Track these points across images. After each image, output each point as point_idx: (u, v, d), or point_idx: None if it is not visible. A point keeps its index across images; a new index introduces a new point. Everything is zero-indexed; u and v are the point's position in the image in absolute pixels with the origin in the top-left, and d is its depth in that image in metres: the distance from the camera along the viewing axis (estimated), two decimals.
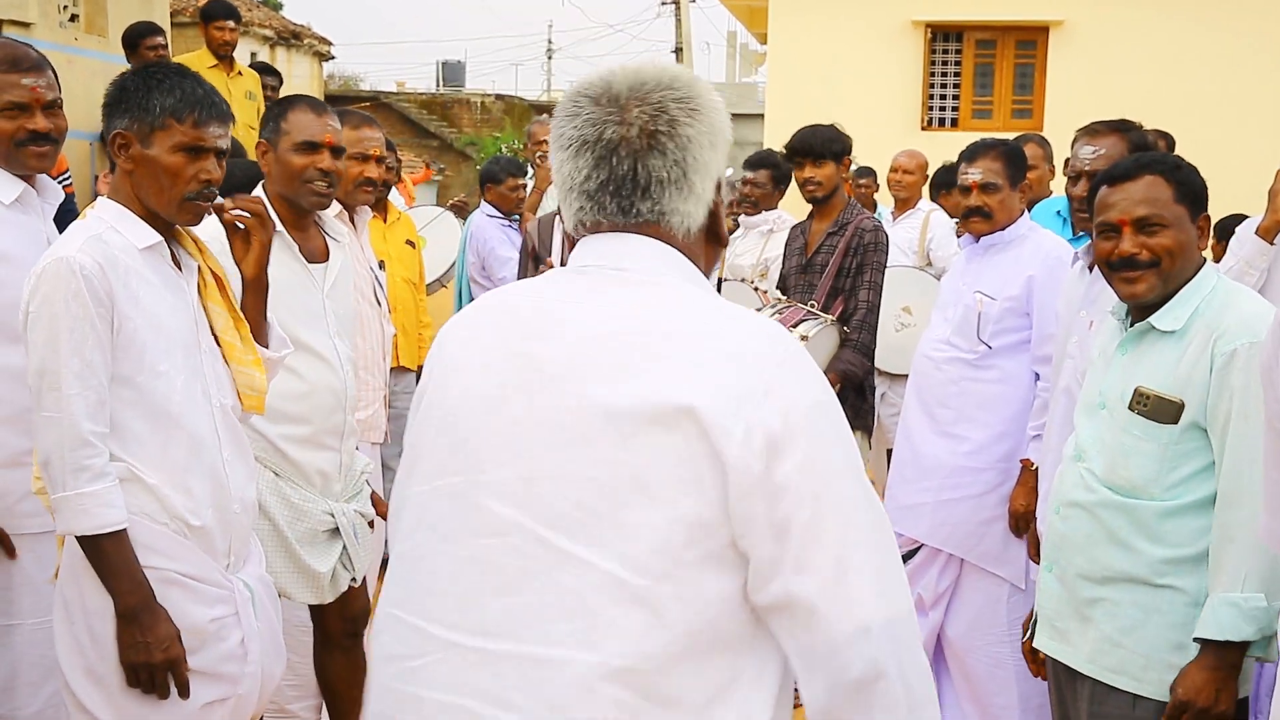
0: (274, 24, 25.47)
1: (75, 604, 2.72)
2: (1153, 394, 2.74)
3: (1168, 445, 2.72)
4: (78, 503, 2.61)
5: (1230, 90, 12.75)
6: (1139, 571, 2.74)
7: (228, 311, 2.95)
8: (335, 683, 3.94)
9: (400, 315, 5.91)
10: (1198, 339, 2.72)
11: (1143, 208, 2.79)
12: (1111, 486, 2.80)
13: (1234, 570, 2.58)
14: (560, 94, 21.54)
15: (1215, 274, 2.85)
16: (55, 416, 2.60)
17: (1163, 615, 2.72)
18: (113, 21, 9.66)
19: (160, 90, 2.74)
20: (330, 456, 3.60)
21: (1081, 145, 3.77)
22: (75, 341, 2.59)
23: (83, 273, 2.60)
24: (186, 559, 2.75)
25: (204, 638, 2.77)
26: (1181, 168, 2.84)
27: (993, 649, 3.95)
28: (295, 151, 3.57)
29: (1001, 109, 13.99)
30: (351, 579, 3.69)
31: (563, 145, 1.83)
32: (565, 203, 1.86)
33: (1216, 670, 2.60)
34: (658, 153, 1.79)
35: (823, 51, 13.74)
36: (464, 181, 29.03)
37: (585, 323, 1.76)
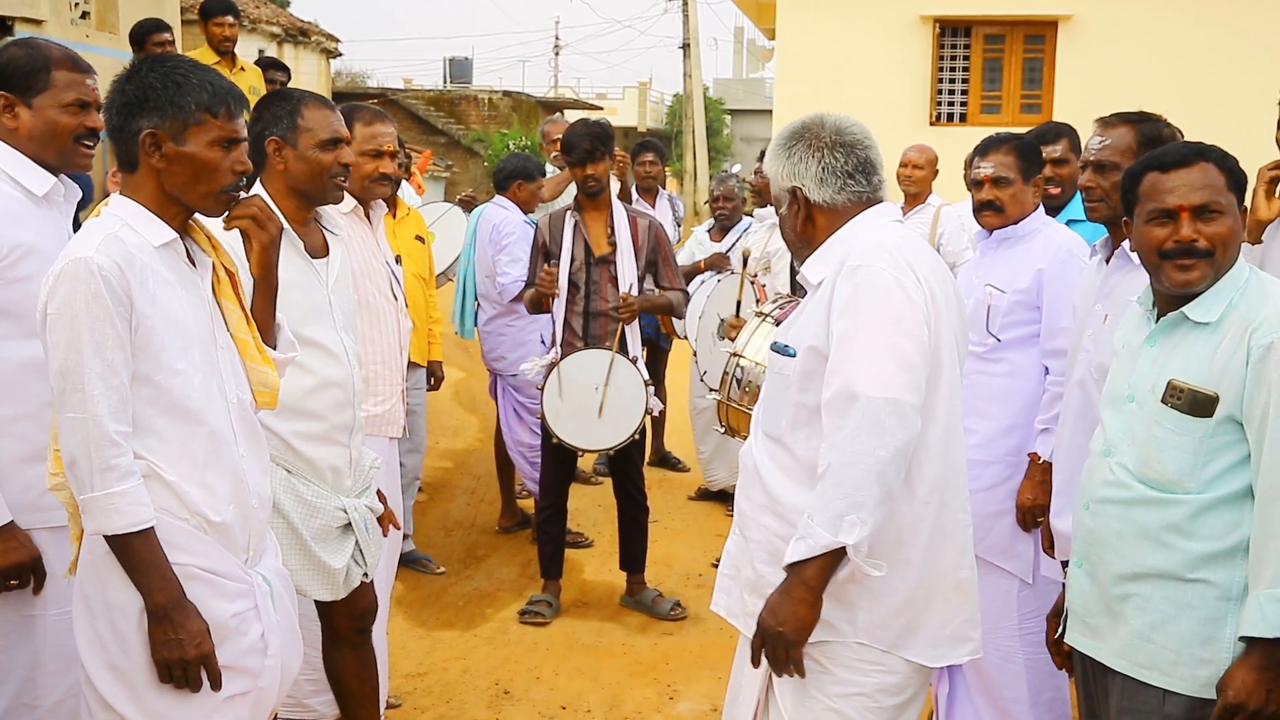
0: (281, 21, 25.50)
1: (96, 599, 2.72)
2: (1187, 387, 2.70)
3: (1202, 439, 2.68)
4: (107, 502, 2.61)
5: (1238, 84, 12.72)
6: (1172, 567, 2.70)
7: (240, 309, 2.96)
8: (345, 679, 3.92)
9: (410, 310, 5.86)
10: (1233, 331, 2.68)
11: (1203, 194, 2.74)
12: (1145, 481, 2.76)
13: (1278, 565, 2.54)
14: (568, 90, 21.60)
15: (1248, 266, 2.81)
16: (80, 417, 2.60)
17: (1194, 610, 2.68)
18: (124, 18, 9.69)
19: (190, 87, 2.75)
20: (340, 452, 3.61)
21: (1093, 135, 3.77)
22: (96, 342, 2.60)
23: (101, 273, 2.59)
24: (208, 554, 2.76)
25: (226, 632, 2.77)
26: (1229, 157, 2.81)
27: (1002, 643, 3.94)
28: (320, 149, 3.57)
29: (1010, 104, 13.97)
30: (364, 574, 3.69)
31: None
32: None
33: (1266, 670, 2.55)
34: None
35: (831, 47, 13.74)
36: (471, 178, 29.06)
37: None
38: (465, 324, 7.37)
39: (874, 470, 2.62)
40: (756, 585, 2.91)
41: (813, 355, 2.80)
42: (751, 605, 2.90)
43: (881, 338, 2.68)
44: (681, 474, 8.51)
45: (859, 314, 2.71)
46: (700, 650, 5.44)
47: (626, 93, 45.40)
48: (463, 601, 6.08)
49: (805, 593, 2.70)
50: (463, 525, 7.36)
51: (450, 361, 11.20)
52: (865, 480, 2.62)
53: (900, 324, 2.70)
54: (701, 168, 30.92)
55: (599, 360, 5.64)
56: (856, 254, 2.79)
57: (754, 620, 2.86)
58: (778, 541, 2.83)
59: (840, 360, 2.71)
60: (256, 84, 8.21)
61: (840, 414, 2.67)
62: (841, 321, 2.73)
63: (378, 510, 3.78)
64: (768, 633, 2.75)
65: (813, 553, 2.66)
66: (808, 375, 2.82)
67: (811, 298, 2.94)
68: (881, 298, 2.72)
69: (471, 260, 7.24)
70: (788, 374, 2.87)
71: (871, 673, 2.82)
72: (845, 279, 2.76)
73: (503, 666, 5.27)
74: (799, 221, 2.98)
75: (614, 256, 5.69)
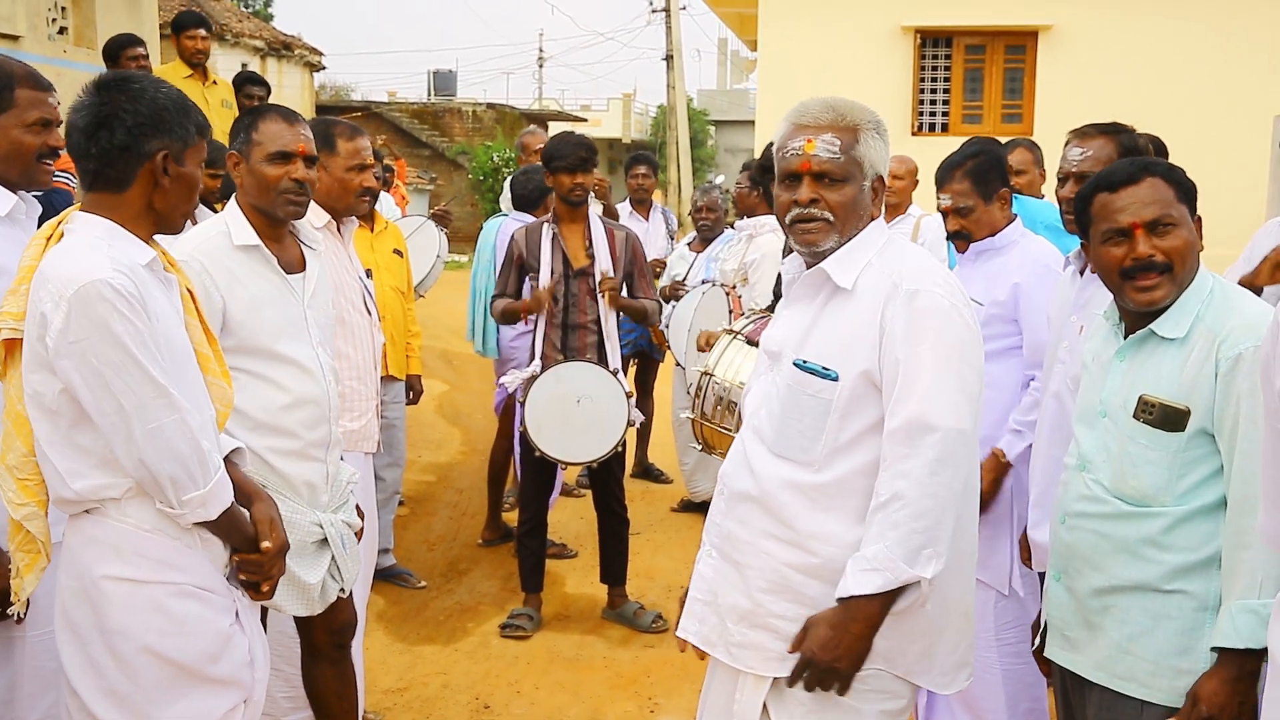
0: (265, 35, 25.46)
1: (87, 626, 2.71)
2: (1158, 402, 2.71)
3: (1176, 453, 2.69)
4: (219, 486, 2.73)
5: (1218, 94, 12.80)
6: (1149, 580, 2.71)
7: (200, 323, 2.95)
8: (324, 694, 3.90)
9: (389, 324, 5.89)
10: (1201, 344, 2.69)
11: (1154, 209, 2.75)
12: (1121, 496, 2.76)
13: (1250, 576, 2.54)
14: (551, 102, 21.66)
15: (1211, 276, 2.82)
16: (171, 420, 2.63)
17: (1171, 621, 2.69)
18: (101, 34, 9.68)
19: (190, 109, 2.83)
20: (316, 468, 3.60)
21: (1071, 147, 3.76)
22: (151, 356, 2.62)
23: (126, 292, 2.60)
24: (200, 571, 2.79)
25: (224, 645, 2.81)
26: (1175, 169, 2.82)
27: (980, 654, 3.90)
28: (268, 162, 3.55)
29: (991, 113, 14.02)
30: (340, 589, 3.67)
31: None
32: None
33: (1238, 680, 2.56)
34: None
35: (813, 57, 13.78)
36: (455, 190, 29.04)
37: None
38: (487, 342, 7.22)
39: (951, 503, 2.60)
40: (750, 615, 2.80)
41: (864, 380, 2.70)
42: (739, 635, 2.81)
43: (948, 367, 2.63)
44: (664, 486, 8.50)
45: (922, 341, 2.64)
46: (681, 663, 5.42)
47: (611, 104, 45.41)
48: (444, 616, 6.05)
49: (867, 628, 2.64)
50: (445, 539, 7.34)
51: (434, 375, 11.21)
52: (943, 513, 2.59)
53: (964, 352, 2.66)
54: (686, 179, 30.94)
55: (579, 373, 5.64)
56: (911, 276, 2.71)
57: (742, 651, 2.80)
58: (787, 571, 2.75)
59: (908, 390, 2.63)
60: (228, 97, 8.22)
61: (911, 444, 2.60)
62: (904, 349, 2.65)
63: (356, 525, 3.76)
64: (821, 667, 2.66)
65: (889, 586, 2.59)
66: (856, 400, 2.71)
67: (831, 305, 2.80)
68: (943, 324, 2.66)
69: (491, 275, 7.12)
70: (827, 398, 2.72)
71: (877, 699, 2.76)
72: (903, 303, 2.67)
73: (483, 681, 5.25)
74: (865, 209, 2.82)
75: (592, 269, 5.69)
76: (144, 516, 2.70)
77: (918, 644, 2.75)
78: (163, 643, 2.72)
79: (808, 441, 2.74)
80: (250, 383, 3.46)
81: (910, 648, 2.74)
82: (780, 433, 2.79)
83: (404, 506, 7.59)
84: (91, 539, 2.72)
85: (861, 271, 2.77)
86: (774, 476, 2.78)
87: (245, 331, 3.44)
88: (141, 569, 2.71)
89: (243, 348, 3.44)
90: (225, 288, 3.43)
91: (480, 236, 7.43)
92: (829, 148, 2.74)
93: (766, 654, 2.77)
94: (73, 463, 2.67)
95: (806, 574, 2.73)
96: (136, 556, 2.71)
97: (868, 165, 2.79)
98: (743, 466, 2.86)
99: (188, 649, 2.75)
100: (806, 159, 2.75)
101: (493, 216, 7.62)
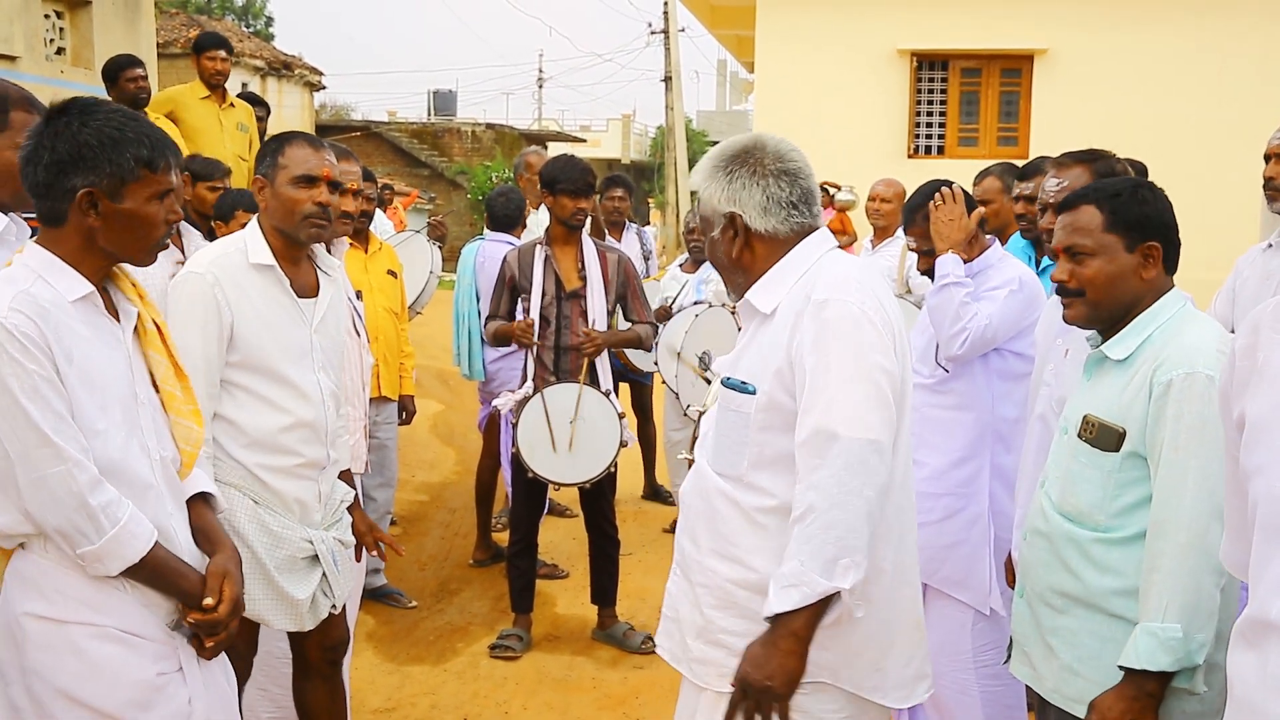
0: (265, 54, 25.56)
1: (10, 665, 2.61)
2: (1098, 421, 2.79)
3: (1110, 473, 2.76)
4: (125, 535, 2.57)
5: (1212, 116, 12.83)
6: (1090, 598, 2.77)
7: (168, 360, 2.84)
8: (315, 712, 3.91)
9: (381, 345, 5.92)
10: (1143, 368, 2.76)
11: (1071, 236, 2.87)
12: (1062, 513, 2.85)
13: (1158, 599, 2.60)
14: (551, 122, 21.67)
15: (1179, 301, 2.87)
16: (57, 471, 2.50)
17: (1118, 644, 2.71)
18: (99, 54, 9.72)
19: (128, 142, 2.64)
20: (308, 486, 3.61)
21: (1049, 178, 3.80)
22: (40, 403, 2.49)
23: (19, 331, 2.48)
24: (124, 614, 2.65)
25: (151, 693, 2.66)
26: (1120, 195, 2.85)
27: (958, 675, 3.95)
28: (293, 186, 3.58)
29: (987, 136, 14.06)
30: (331, 606, 3.69)
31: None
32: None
33: (1135, 700, 2.61)
34: None
35: (810, 80, 13.82)
36: (455, 210, 29.08)
37: None
38: (473, 364, 7.21)
39: (863, 511, 2.56)
40: (704, 631, 2.83)
41: (776, 391, 2.71)
42: (697, 651, 2.85)
43: (856, 374, 2.61)
44: (658, 507, 8.50)
45: (829, 350, 2.62)
46: (670, 684, 5.40)
47: (610, 125, 45.58)
48: (434, 636, 6.06)
49: (795, 644, 2.60)
50: (436, 559, 7.34)
51: (428, 394, 11.22)
52: (856, 522, 2.55)
53: (871, 358, 2.62)
54: (684, 200, 31.00)
55: (571, 394, 5.65)
56: (823, 286, 2.70)
57: (700, 667, 2.82)
58: (730, 587, 2.77)
59: (813, 399, 2.61)
60: (245, 120, 8.23)
61: (818, 454, 2.58)
62: (811, 358, 2.64)
63: (350, 543, 3.78)
64: (753, 687, 2.63)
65: (807, 601, 2.56)
66: (770, 412, 2.72)
67: (760, 328, 2.84)
68: (852, 331, 2.63)
69: (472, 299, 7.17)
70: (746, 411, 2.75)
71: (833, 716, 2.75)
72: (812, 314, 2.67)
73: (471, 702, 5.25)
74: (735, 249, 2.85)
75: (584, 291, 5.71)
76: (65, 554, 2.58)
77: (864, 656, 2.74)
78: (79, 687, 2.59)
79: (735, 456, 2.79)
80: (249, 401, 3.50)
81: (857, 660, 2.74)
82: (716, 449, 2.85)
83: (396, 526, 7.59)
84: (17, 573, 2.63)
85: (786, 294, 2.79)
86: (714, 491, 2.83)
87: (250, 349, 3.48)
88: (61, 608, 2.60)
89: (246, 365, 3.49)
90: (235, 304, 3.47)
91: (460, 260, 7.43)
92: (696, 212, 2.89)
93: (721, 670, 2.77)
94: None
95: (749, 589, 2.74)
96: (57, 594, 2.60)
97: (712, 214, 2.88)
98: (693, 483, 2.93)
99: (106, 696, 2.61)
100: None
101: (471, 240, 7.63)
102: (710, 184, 2.87)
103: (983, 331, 3.85)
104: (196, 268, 3.52)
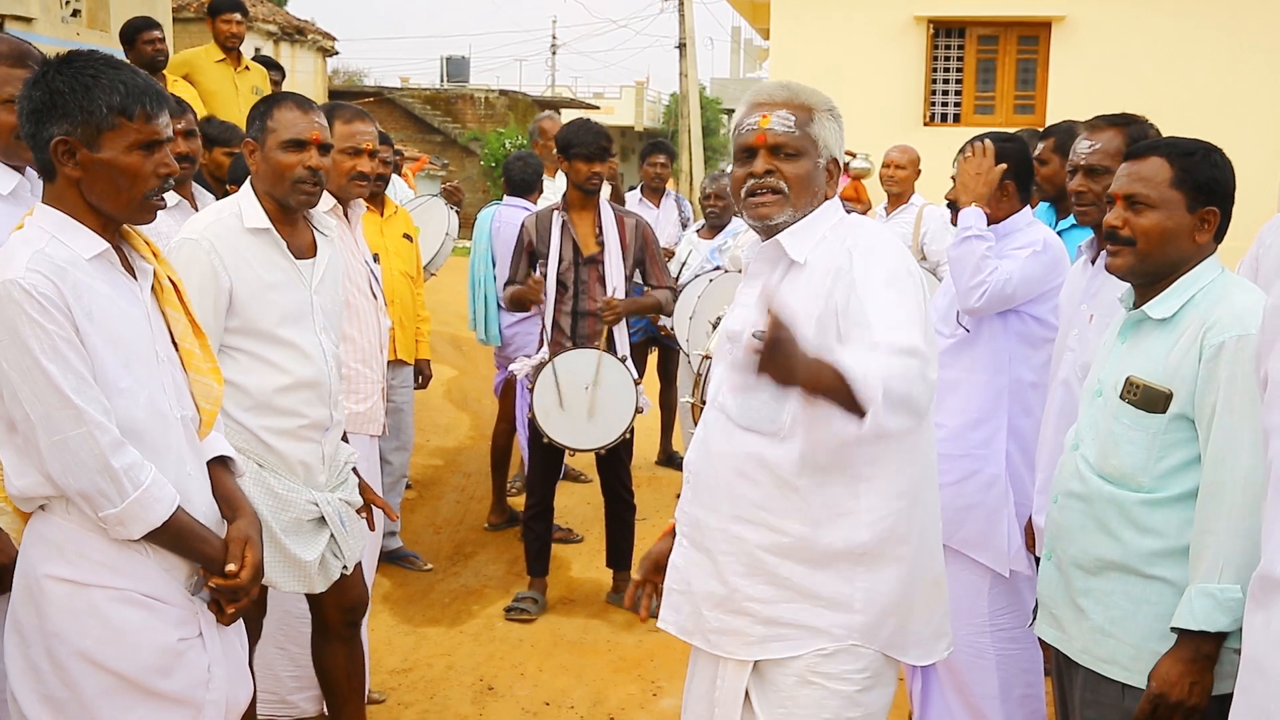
0: (278, 19, 25.49)
1: (31, 628, 2.59)
2: (1142, 383, 2.76)
3: (1156, 435, 2.74)
4: (147, 499, 2.55)
5: (1231, 86, 12.76)
6: (1128, 561, 2.76)
7: (186, 317, 2.82)
8: (333, 673, 3.94)
9: (397, 309, 5.92)
10: (1189, 330, 2.74)
11: (1135, 185, 2.83)
12: (1102, 475, 2.83)
13: (1212, 560, 2.59)
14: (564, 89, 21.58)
15: (1218, 268, 2.86)
16: (79, 433, 2.48)
17: (1152, 606, 2.73)
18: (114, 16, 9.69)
19: (99, 88, 2.55)
20: (312, 448, 3.60)
21: (1081, 140, 3.78)
22: (61, 363, 2.47)
23: (37, 292, 2.45)
24: (146, 578, 2.64)
25: (172, 659, 2.66)
26: (1194, 155, 2.85)
27: (974, 639, 3.95)
28: (282, 150, 3.55)
29: (1004, 104, 13.99)
30: (343, 567, 3.70)
31: None
32: None
33: (1192, 662, 2.61)
34: None
35: (825, 47, 13.76)
36: (467, 177, 29.05)
37: None
38: (489, 329, 7.21)
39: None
40: (726, 600, 2.79)
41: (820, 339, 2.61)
42: (715, 622, 2.81)
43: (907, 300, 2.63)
44: (676, 473, 8.49)
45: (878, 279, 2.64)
46: (684, 647, 5.38)
47: (624, 92, 45.38)
48: (449, 598, 6.09)
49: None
50: (451, 523, 7.37)
51: (443, 359, 11.23)
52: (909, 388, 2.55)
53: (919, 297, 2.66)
54: (698, 167, 30.89)
55: (588, 360, 5.66)
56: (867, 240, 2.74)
57: (721, 638, 2.80)
58: (758, 553, 2.74)
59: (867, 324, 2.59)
60: (260, 84, 8.21)
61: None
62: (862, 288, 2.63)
63: (356, 503, 3.78)
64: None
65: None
66: None
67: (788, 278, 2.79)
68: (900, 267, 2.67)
69: (488, 263, 7.17)
70: None
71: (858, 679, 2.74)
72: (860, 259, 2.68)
73: (487, 663, 5.28)
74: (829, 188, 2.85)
75: (602, 256, 5.70)
76: (87, 517, 2.57)
77: (893, 616, 2.75)
78: (101, 650, 2.59)
79: (772, 411, 2.71)
80: (251, 364, 3.49)
81: (887, 620, 2.75)
82: (745, 405, 2.76)
83: (411, 490, 7.62)
84: (39, 536, 2.62)
85: (816, 246, 2.78)
86: (740, 453, 2.76)
87: (250, 313, 3.46)
88: (83, 571, 2.59)
89: (246, 329, 3.47)
90: (233, 269, 3.44)
91: (475, 225, 7.43)
92: (784, 122, 2.77)
93: (745, 639, 2.77)
94: (15, 460, 2.57)
95: (779, 554, 2.72)
96: (79, 557, 2.59)
97: (822, 144, 2.82)
98: (705, 451, 2.86)
99: (128, 660, 2.61)
100: (761, 133, 2.78)
101: (488, 205, 7.63)
102: (826, 121, 2.83)
103: (1002, 286, 3.84)
104: (190, 234, 3.49)
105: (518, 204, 7.20)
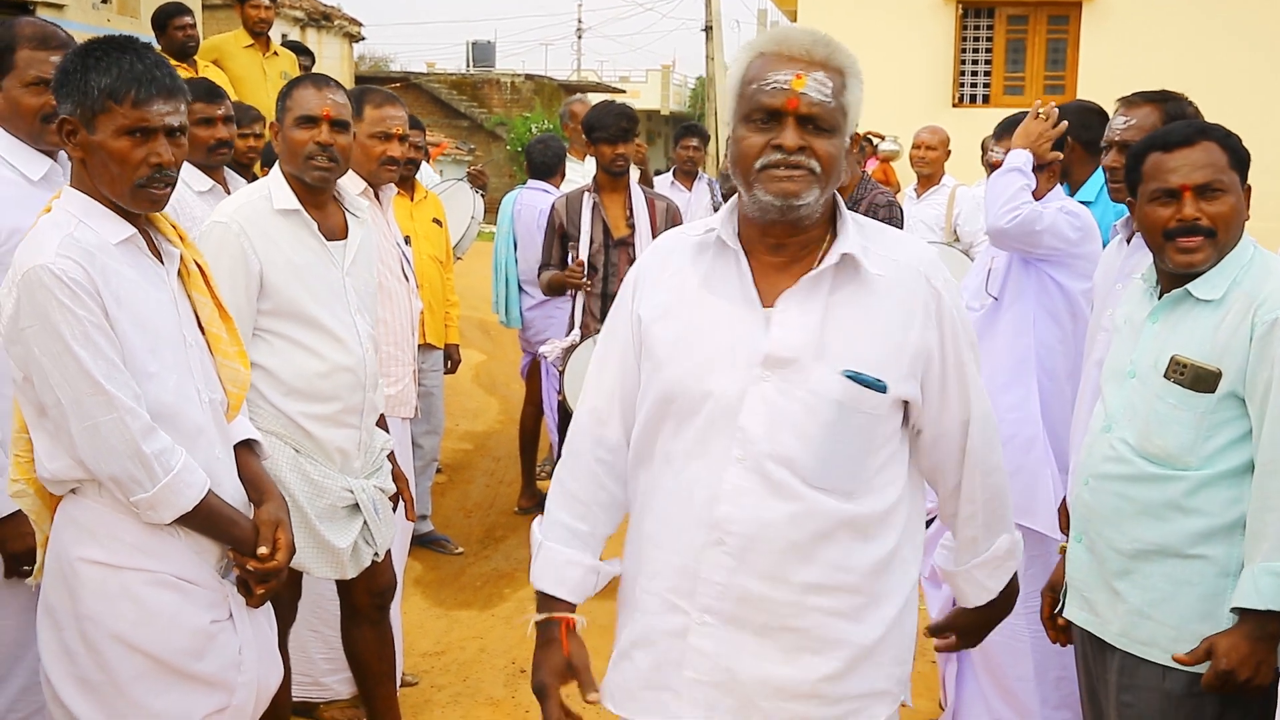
0: (305, 5, 25.55)
1: (64, 611, 2.60)
2: (1190, 362, 2.71)
3: (1204, 414, 2.69)
4: (178, 484, 2.55)
5: (1262, 65, 12.63)
6: (1171, 543, 2.72)
7: (212, 301, 2.81)
8: (364, 655, 3.95)
9: (427, 293, 5.91)
10: (1236, 307, 2.69)
11: (1205, 173, 2.75)
12: (1146, 456, 2.77)
13: (1275, 538, 2.55)
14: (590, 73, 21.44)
15: (1252, 243, 2.82)
16: (110, 419, 2.48)
17: (1192, 586, 2.70)
18: (145, 2, 9.71)
19: (97, 69, 2.52)
20: (350, 434, 3.61)
21: (1116, 115, 3.75)
22: (91, 349, 2.47)
23: (68, 277, 2.45)
24: (179, 560, 2.65)
25: (204, 641, 2.66)
26: (1232, 136, 2.81)
27: (1009, 620, 3.89)
28: (296, 126, 3.55)
29: (1033, 85, 13.89)
30: (374, 554, 3.71)
31: None
32: None
33: (1260, 640, 2.57)
34: None
35: (853, 28, 13.65)
36: (494, 162, 29.06)
37: None
38: (511, 313, 7.24)
39: None
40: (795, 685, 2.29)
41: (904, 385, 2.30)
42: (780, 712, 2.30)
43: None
44: None
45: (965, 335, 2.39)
46: None
47: (649, 75, 45.26)
48: (480, 581, 6.10)
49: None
50: (482, 506, 7.39)
51: (471, 344, 11.24)
52: None
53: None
54: (724, 151, 30.87)
55: None
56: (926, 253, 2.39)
57: None
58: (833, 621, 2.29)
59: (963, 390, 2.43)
60: (289, 69, 8.21)
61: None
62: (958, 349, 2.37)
63: (389, 491, 3.79)
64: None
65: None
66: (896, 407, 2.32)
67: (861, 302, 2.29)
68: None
69: (510, 246, 7.18)
70: (879, 412, 2.27)
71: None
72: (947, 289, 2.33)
73: (519, 646, 5.29)
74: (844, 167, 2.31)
75: (632, 239, 5.69)
76: (119, 500, 2.58)
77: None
78: (135, 633, 2.59)
79: (856, 466, 2.28)
80: (286, 348, 3.48)
81: None
82: (823, 463, 2.26)
83: (441, 474, 7.64)
84: (71, 520, 2.62)
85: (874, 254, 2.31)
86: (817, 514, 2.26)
87: (282, 297, 3.46)
88: (116, 553, 2.59)
89: (279, 312, 3.46)
90: (263, 252, 3.44)
91: (499, 209, 7.43)
92: (821, 89, 2.18)
93: None
94: (47, 443, 2.58)
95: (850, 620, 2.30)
96: (112, 540, 2.59)
97: (851, 118, 2.27)
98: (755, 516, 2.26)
99: (162, 642, 2.61)
100: (795, 96, 2.17)
101: (512, 190, 7.64)
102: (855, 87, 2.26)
103: (1033, 221, 3.81)
104: (220, 217, 3.50)
105: (540, 187, 7.20)
